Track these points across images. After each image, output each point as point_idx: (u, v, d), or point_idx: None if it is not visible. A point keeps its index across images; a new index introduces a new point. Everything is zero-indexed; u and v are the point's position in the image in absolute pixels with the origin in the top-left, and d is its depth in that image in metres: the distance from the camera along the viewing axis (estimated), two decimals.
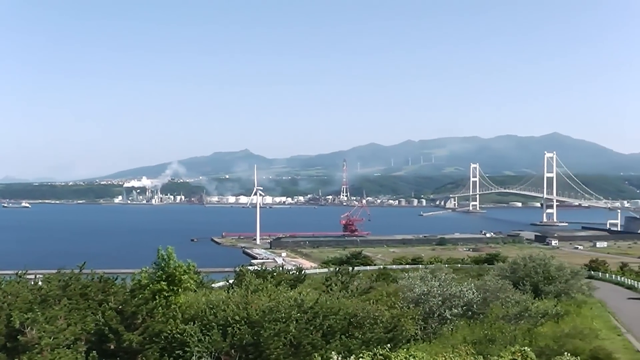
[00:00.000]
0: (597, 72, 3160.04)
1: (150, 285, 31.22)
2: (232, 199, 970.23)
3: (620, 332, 55.67)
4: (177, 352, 26.78)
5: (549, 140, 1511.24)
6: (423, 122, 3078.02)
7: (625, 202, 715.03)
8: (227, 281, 51.77)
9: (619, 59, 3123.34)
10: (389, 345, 25.78)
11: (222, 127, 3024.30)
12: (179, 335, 27.26)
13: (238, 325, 27.49)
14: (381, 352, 23.55)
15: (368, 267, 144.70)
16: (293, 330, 28.03)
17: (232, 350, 27.13)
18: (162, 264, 31.82)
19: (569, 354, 27.02)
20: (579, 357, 27.07)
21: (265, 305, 29.91)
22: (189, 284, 32.54)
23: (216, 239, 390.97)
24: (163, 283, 31.20)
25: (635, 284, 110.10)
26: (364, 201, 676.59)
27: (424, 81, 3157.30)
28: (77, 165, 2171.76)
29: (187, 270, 32.04)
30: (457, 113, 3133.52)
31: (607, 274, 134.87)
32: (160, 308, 28.82)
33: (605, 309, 71.66)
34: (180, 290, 31.94)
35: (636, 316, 69.24)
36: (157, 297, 30.23)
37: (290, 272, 55.39)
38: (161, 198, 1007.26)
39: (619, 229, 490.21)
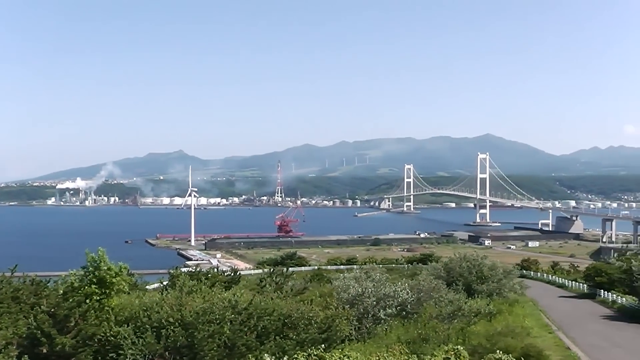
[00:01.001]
0: (529, 74, 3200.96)
1: (84, 288, 30.91)
2: (166, 200, 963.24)
3: (552, 330, 56.54)
4: (110, 354, 26.48)
5: (482, 142, 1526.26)
6: (358, 123, 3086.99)
7: (556, 202, 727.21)
8: (162, 283, 51.48)
9: (551, 62, 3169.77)
10: (323, 345, 25.80)
11: (156, 128, 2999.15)
12: (112, 338, 26.94)
13: (172, 327, 27.25)
14: (315, 353, 23.57)
15: (303, 268, 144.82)
16: (227, 332, 27.93)
17: (166, 353, 26.95)
18: (91, 268, 31.47)
19: (501, 352, 27.33)
20: (510, 355, 27.39)
21: (199, 306, 29.70)
22: (121, 286, 32.25)
23: (151, 241, 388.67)
24: (94, 286, 30.89)
25: (566, 283, 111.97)
26: (298, 202, 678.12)
27: (358, 82, 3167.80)
28: (8, 166, 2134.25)
29: (118, 273, 31.75)
30: (392, 114, 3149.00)
31: (538, 273, 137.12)
32: (93, 311, 28.53)
33: (537, 308, 72.70)
34: (113, 292, 31.65)
35: (567, 314, 70.42)
36: (89, 299, 29.95)
37: (225, 274, 55.30)
38: (95, 199, 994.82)
39: (550, 229, 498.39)
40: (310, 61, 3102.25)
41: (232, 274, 54.96)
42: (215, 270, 58.28)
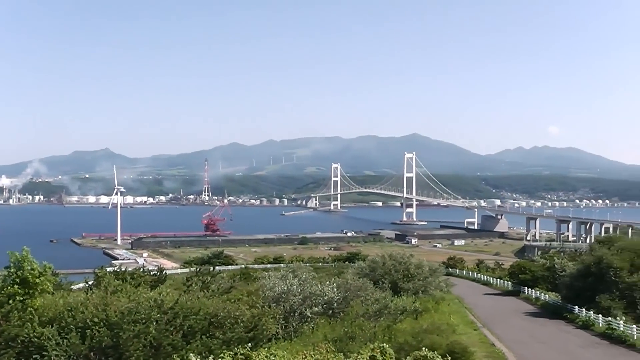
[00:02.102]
0: (455, 75, 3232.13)
1: (6, 289, 30.41)
2: (92, 199, 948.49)
3: (477, 326, 57.33)
4: (34, 356, 26.07)
5: (409, 141, 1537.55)
6: (285, 122, 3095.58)
7: (482, 201, 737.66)
8: (87, 283, 50.91)
9: (476, 63, 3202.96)
10: (249, 344, 25.77)
11: (82, 126, 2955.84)
12: (36, 339, 26.50)
13: (97, 328, 26.93)
14: (242, 352, 23.53)
15: (230, 267, 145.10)
16: (153, 332, 27.71)
17: (92, 353, 26.64)
18: (14, 268, 30.95)
19: (426, 349, 27.58)
20: (436, 352, 27.64)
21: (125, 306, 29.42)
22: (45, 287, 31.79)
23: (76, 240, 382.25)
24: (17, 287, 30.41)
25: (491, 280, 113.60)
26: (225, 201, 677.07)
27: (286, 80, 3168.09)
28: None
29: (43, 273, 31.29)
30: (320, 113, 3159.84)
31: (464, 271, 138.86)
32: (15, 312, 28.10)
33: (463, 305, 73.60)
34: (36, 293, 31.18)
35: (492, 311, 71.47)
36: (12, 300, 29.49)
37: (151, 273, 54.98)
38: (19, 198, 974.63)
39: (476, 228, 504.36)
40: (236, 59, 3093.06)
41: (159, 274, 54.75)
42: (141, 269, 57.91)
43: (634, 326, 52.58)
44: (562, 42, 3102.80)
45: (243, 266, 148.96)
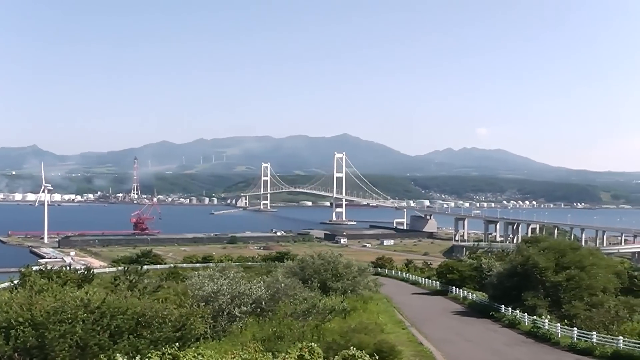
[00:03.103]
0: (385, 76, 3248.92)
1: None
2: (19, 196, 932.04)
3: (405, 325, 57.83)
4: None
5: (339, 141, 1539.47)
6: (216, 120, 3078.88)
7: (411, 201, 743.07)
8: (12, 282, 50.22)
9: (405, 64, 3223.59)
10: (177, 344, 25.63)
11: (7, 121, 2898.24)
12: None
13: (22, 327, 26.51)
14: (169, 352, 23.40)
15: (158, 266, 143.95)
16: (79, 331, 27.38)
17: (16, 354, 26.26)
18: None
19: (354, 348, 27.70)
20: (363, 351, 27.77)
21: (50, 306, 28.97)
22: None
23: (2, 238, 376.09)
24: None
25: (420, 280, 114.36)
26: (155, 199, 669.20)
27: (216, 78, 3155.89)
28: None
29: None
30: (251, 112, 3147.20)
31: (393, 271, 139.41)
32: None
33: (391, 304, 74.11)
34: None
35: (420, 310, 72.14)
36: None
37: (78, 272, 54.39)
38: None
39: (405, 228, 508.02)
40: (166, 56, 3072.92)
41: (86, 272, 54.19)
42: (68, 268, 57.31)
43: (559, 325, 53.59)
44: (491, 45, 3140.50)
45: (172, 265, 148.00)
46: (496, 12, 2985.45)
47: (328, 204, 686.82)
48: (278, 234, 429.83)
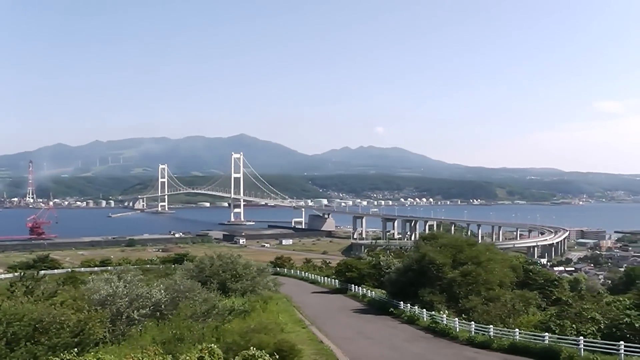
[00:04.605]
0: (279, 75, 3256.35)
1: None
2: None
3: (305, 324, 57.86)
4: None
5: (236, 142, 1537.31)
6: (112, 122, 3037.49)
7: (309, 201, 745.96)
8: None
9: (299, 63, 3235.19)
10: (76, 349, 25.32)
11: None
12: None
13: None
14: (68, 357, 23.10)
15: (56, 271, 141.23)
16: None
17: None
18: None
19: (254, 349, 27.73)
20: (264, 351, 27.81)
21: None
22: None
23: None
24: None
25: (319, 279, 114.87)
26: (51, 203, 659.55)
27: (112, 80, 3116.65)
28: None
29: None
30: (148, 113, 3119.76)
31: (292, 270, 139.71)
32: None
33: (291, 304, 74.09)
34: None
35: (320, 309, 72.33)
36: None
37: None
38: None
39: (303, 227, 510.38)
40: (60, 58, 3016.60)
41: None
42: None
43: (456, 319, 54.51)
44: (388, 44, 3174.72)
45: (69, 270, 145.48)
46: (392, 9, 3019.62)
47: (226, 204, 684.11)
48: (176, 235, 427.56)
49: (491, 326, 49.55)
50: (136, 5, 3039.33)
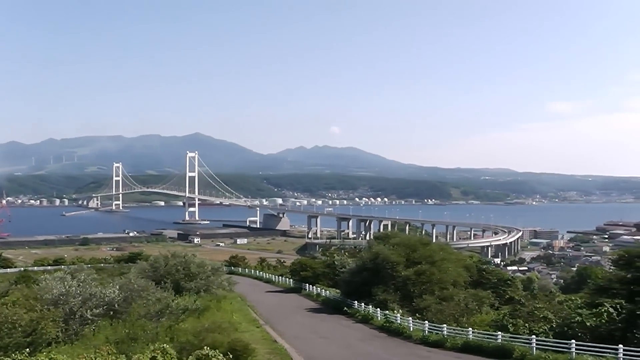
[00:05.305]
0: (233, 74, 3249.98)
1: None
2: None
3: (259, 324, 57.99)
4: None
5: (191, 140, 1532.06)
6: (66, 120, 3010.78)
7: (264, 200, 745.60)
8: None
9: (254, 61, 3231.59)
10: (28, 349, 25.15)
11: None
12: None
13: None
14: (20, 358, 22.96)
15: (8, 270, 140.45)
16: None
17: None
18: None
19: (208, 348, 27.73)
20: (217, 350, 27.83)
21: None
22: None
23: None
24: None
25: (273, 278, 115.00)
26: (3, 202, 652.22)
27: (65, 76, 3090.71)
28: None
29: None
30: (102, 111, 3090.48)
31: (247, 269, 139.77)
32: None
33: (246, 303, 74.27)
34: None
35: (274, 308, 72.50)
36: None
37: None
38: None
39: (258, 226, 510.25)
40: (11, 52, 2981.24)
41: None
42: None
43: (410, 318, 54.82)
44: (342, 44, 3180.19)
45: (22, 269, 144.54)
46: (342, 8, 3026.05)
47: (181, 203, 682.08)
48: (131, 234, 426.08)
49: (445, 325, 49.96)
50: (90, 2, 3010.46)
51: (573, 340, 38.23)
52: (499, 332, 44.72)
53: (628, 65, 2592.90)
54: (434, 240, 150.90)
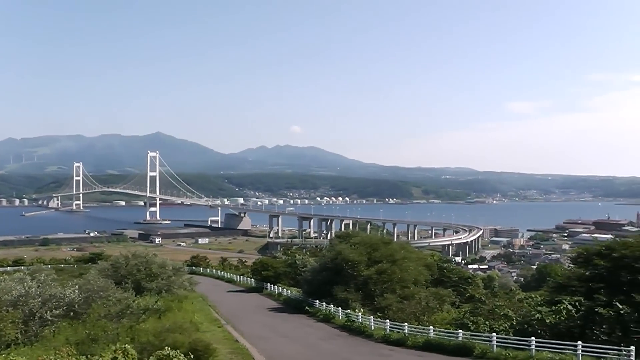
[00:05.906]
0: (194, 75, 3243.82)
1: None
2: None
3: (221, 324, 57.90)
4: None
5: (152, 140, 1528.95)
6: (26, 119, 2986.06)
7: (225, 199, 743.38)
8: None
9: (213, 63, 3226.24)
10: None
11: None
12: None
13: None
14: None
15: None
16: None
17: None
18: None
19: (169, 348, 27.68)
20: (178, 351, 27.78)
21: None
22: None
23: None
24: None
25: (235, 278, 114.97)
26: None
27: (24, 74, 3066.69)
28: None
29: None
30: (63, 110, 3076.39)
31: (208, 269, 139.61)
32: None
33: (207, 303, 74.10)
34: None
35: (235, 308, 72.48)
36: None
37: None
38: None
39: (219, 226, 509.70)
40: None
41: None
42: None
43: (371, 317, 54.99)
44: (303, 44, 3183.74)
45: None
46: (302, 9, 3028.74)
47: (142, 203, 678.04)
48: (91, 234, 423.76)
49: (406, 324, 50.16)
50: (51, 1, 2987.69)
51: (533, 338, 38.56)
52: (460, 330, 44.97)
53: (586, 66, 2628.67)
54: (395, 239, 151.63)
